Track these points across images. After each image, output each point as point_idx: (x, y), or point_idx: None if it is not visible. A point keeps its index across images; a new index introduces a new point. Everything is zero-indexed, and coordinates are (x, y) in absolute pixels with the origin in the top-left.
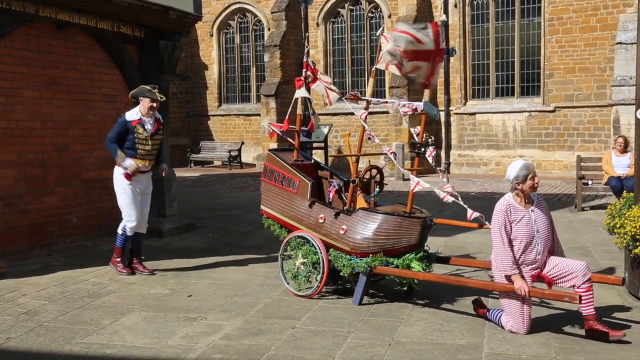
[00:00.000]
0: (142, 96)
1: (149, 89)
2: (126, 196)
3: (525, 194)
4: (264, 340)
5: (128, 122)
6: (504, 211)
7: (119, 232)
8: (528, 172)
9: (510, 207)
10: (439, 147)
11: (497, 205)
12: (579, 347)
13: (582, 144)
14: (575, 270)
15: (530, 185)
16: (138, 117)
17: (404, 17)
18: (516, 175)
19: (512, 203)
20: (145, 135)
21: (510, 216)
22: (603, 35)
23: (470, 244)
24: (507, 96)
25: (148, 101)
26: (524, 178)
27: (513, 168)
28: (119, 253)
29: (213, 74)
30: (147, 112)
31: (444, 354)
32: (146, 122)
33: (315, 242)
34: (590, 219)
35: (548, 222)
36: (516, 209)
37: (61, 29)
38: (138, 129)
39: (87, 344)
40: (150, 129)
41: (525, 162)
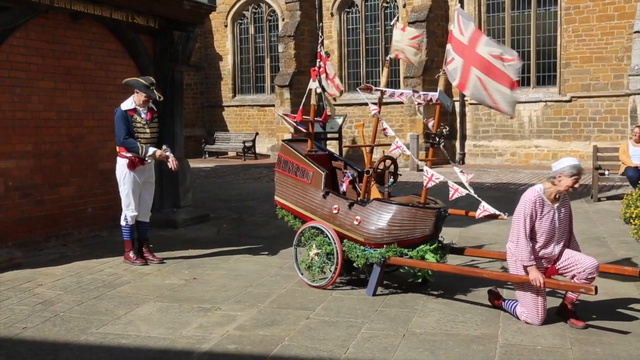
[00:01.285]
0: (138, 89)
1: (146, 85)
2: (127, 186)
3: (559, 190)
4: (278, 331)
5: (125, 112)
6: (533, 202)
7: (122, 224)
8: (576, 173)
9: (539, 200)
10: (453, 137)
11: (526, 194)
12: (595, 339)
13: (598, 134)
14: (582, 264)
15: (569, 185)
16: (133, 106)
17: (419, 7)
18: (563, 167)
19: (542, 196)
20: (142, 122)
21: (537, 208)
22: (621, 24)
23: (484, 234)
24: (523, 86)
25: (143, 96)
26: (570, 175)
27: (565, 161)
28: (130, 246)
29: (227, 65)
30: (142, 104)
31: (458, 344)
32: (141, 112)
33: (329, 233)
34: (607, 209)
35: (569, 219)
36: (544, 203)
37: (76, 19)
38: (135, 118)
39: (103, 334)
40: (144, 117)
41: (579, 163)
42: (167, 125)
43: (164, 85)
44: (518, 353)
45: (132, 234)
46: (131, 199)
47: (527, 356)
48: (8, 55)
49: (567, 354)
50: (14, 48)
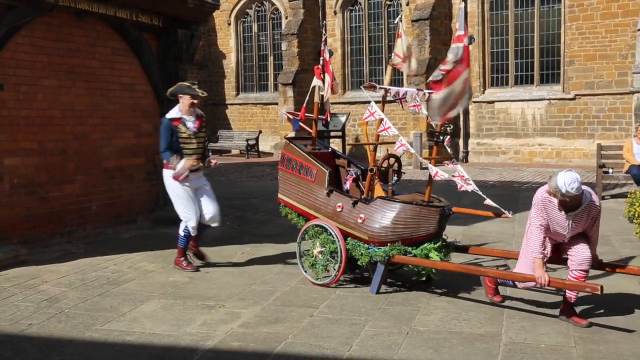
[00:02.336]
0: (181, 93)
1: (188, 85)
2: (179, 198)
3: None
4: (281, 328)
5: (170, 121)
6: (543, 204)
7: (181, 233)
8: (560, 193)
9: (548, 204)
10: (457, 135)
11: (540, 190)
12: (599, 337)
13: (602, 132)
14: (577, 255)
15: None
16: (178, 115)
17: (422, 5)
18: (554, 186)
19: (553, 201)
20: (188, 133)
21: (545, 211)
22: (625, 22)
23: (488, 232)
24: (527, 84)
25: (188, 98)
26: (555, 194)
27: (560, 179)
28: (182, 253)
29: (231, 63)
30: (188, 109)
31: (462, 342)
32: (187, 120)
33: (333, 231)
34: (611, 207)
35: (587, 223)
36: (554, 210)
37: (81, 18)
38: (180, 128)
39: (107, 330)
40: (192, 126)
41: (570, 185)
42: None
43: (168, 83)
44: (522, 351)
45: (189, 242)
46: (189, 209)
47: (530, 354)
48: (14, 53)
49: (571, 352)
50: (19, 46)
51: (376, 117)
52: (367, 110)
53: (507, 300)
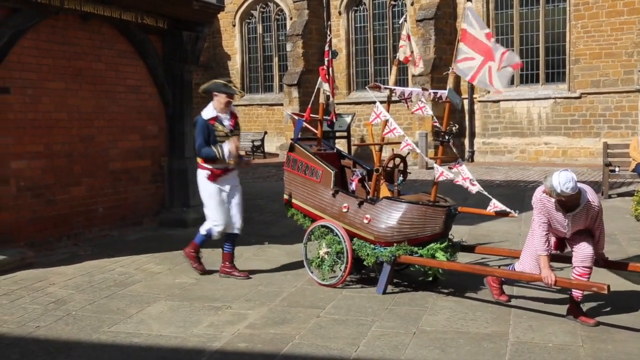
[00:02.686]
0: (216, 91)
1: (224, 84)
2: (212, 200)
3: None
4: (288, 329)
5: (206, 121)
6: (541, 204)
7: (202, 232)
8: (555, 193)
9: (547, 204)
10: (463, 135)
11: (538, 190)
12: (607, 336)
13: (608, 130)
14: (580, 252)
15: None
16: (214, 114)
17: (427, 5)
18: (549, 185)
19: (551, 201)
20: (225, 132)
21: (545, 211)
22: (630, 20)
23: (494, 232)
24: (532, 83)
25: (224, 97)
26: (551, 194)
27: (555, 178)
28: (196, 248)
29: (236, 64)
30: (223, 108)
31: (469, 342)
32: (223, 119)
33: (339, 232)
34: (618, 206)
35: (587, 222)
36: (553, 209)
37: (86, 20)
38: (217, 127)
39: (114, 332)
40: (228, 124)
41: (564, 185)
42: (177, 124)
43: (173, 85)
44: (529, 351)
45: (205, 242)
46: (218, 214)
47: (538, 354)
48: (19, 56)
49: (579, 351)
50: (25, 49)
51: (382, 118)
52: (372, 112)
53: (514, 299)
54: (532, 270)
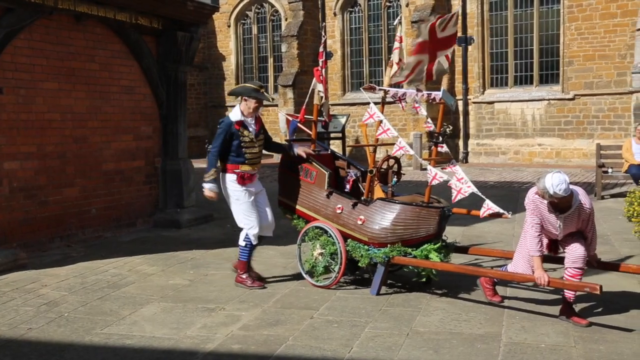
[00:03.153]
0: (247, 96)
1: (256, 89)
2: (240, 203)
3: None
4: (282, 331)
5: (232, 124)
6: (534, 205)
7: (242, 244)
8: (547, 195)
9: (540, 205)
10: (456, 136)
11: (530, 192)
12: (599, 336)
13: (601, 131)
14: (571, 252)
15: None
16: (241, 118)
17: (422, 6)
18: (542, 187)
19: (544, 202)
20: (250, 137)
21: (538, 212)
22: (623, 22)
23: (488, 233)
24: (526, 84)
25: (254, 102)
26: (543, 195)
27: (548, 180)
28: (245, 268)
29: (230, 65)
30: (251, 112)
31: (462, 343)
32: (249, 124)
33: (333, 233)
34: (610, 207)
35: (579, 224)
36: (545, 210)
37: (80, 21)
38: (243, 132)
39: (107, 334)
40: (253, 129)
41: (557, 187)
42: (171, 125)
43: (167, 85)
44: (522, 351)
45: (252, 254)
46: (251, 216)
47: (530, 354)
48: (12, 56)
49: (571, 352)
50: (18, 49)
51: (375, 119)
52: (366, 112)
53: (507, 300)
54: (525, 271)
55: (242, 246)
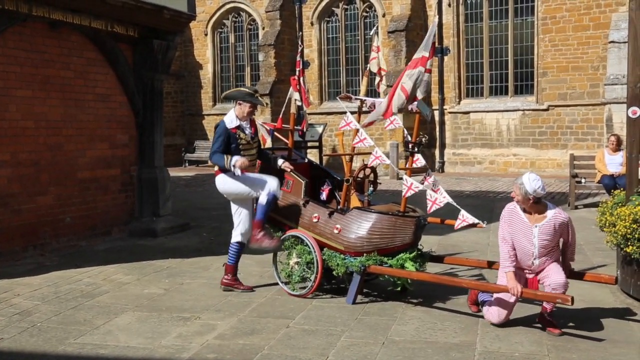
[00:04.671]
0: (241, 100)
1: (251, 94)
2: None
3: (529, 208)
4: (257, 340)
5: (229, 129)
6: (508, 214)
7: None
8: (526, 193)
9: (514, 214)
10: (433, 145)
11: (508, 205)
12: (572, 345)
13: (575, 142)
14: (551, 280)
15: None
16: (237, 123)
17: (398, 17)
18: (520, 183)
19: (517, 211)
20: (247, 139)
21: (510, 221)
22: (596, 34)
23: (464, 242)
24: (501, 95)
25: (248, 106)
26: (525, 196)
27: (525, 179)
28: (234, 270)
29: (208, 73)
30: (245, 116)
31: (437, 352)
32: (245, 127)
33: (309, 242)
34: (584, 217)
35: (555, 238)
36: (519, 220)
37: (55, 28)
38: (239, 135)
39: (81, 344)
40: (249, 132)
41: (534, 181)
42: (147, 134)
43: (144, 94)
44: None
45: (240, 257)
46: (245, 215)
47: None
48: None
49: None
50: None
51: (352, 127)
52: (343, 120)
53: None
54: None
55: (234, 245)
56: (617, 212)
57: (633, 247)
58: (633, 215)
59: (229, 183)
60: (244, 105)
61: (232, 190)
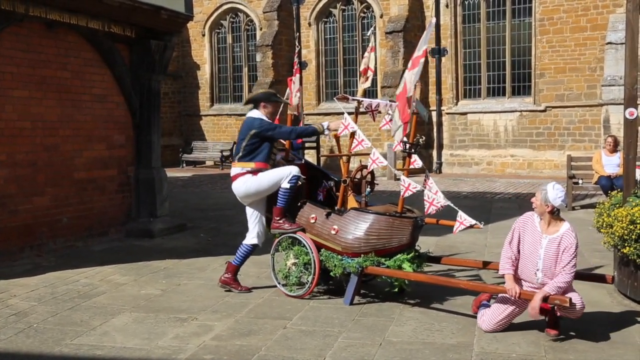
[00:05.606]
0: (267, 102)
1: (274, 93)
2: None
3: (544, 217)
4: (254, 341)
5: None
6: (523, 220)
7: (286, 186)
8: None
9: (528, 221)
10: (430, 146)
11: (526, 213)
12: (569, 346)
13: (572, 143)
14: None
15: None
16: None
17: (396, 17)
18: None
19: (533, 219)
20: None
21: (522, 228)
22: (593, 35)
23: (461, 243)
24: (499, 96)
25: (274, 106)
26: (546, 203)
27: (549, 186)
28: (235, 271)
29: (205, 74)
30: (270, 117)
31: (435, 353)
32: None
33: (306, 243)
34: (581, 218)
35: (555, 258)
36: (532, 227)
37: (51, 28)
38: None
39: (77, 345)
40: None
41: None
42: (144, 134)
43: (141, 94)
44: None
45: (247, 259)
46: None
47: None
48: None
49: None
50: None
51: (350, 130)
52: (341, 123)
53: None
54: (494, 313)
55: (247, 246)
56: (614, 213)
57: (630, 248)
58: (630, 216)
59: (252, 181)
60: (270, 105)
61: (256, 187)
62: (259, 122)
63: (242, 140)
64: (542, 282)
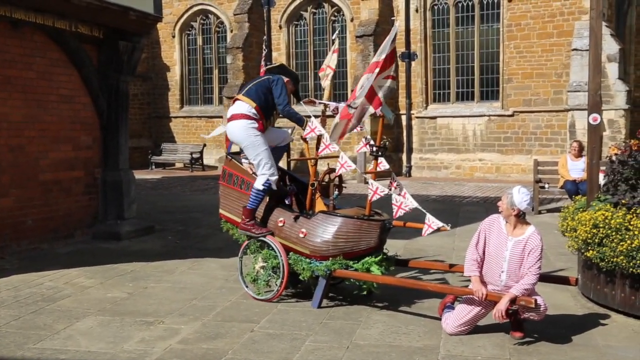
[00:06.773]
0: (294, 82)
1: (298, 79)
2: (264, 147)
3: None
4: (221, 344)
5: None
6: (489, 222)
7: (259, 188)
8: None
9: (494, 223)
10: (400, 150)
11: (491, 215)
12: (533, 349)
13: (539, 148)
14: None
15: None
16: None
17: (366, 21)
18: (509, 193)
19: (499, 221)
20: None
21: (488, 230)
22: (560, 42)
23: (429, 246)
24: (467, 100)
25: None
26: (512, 207)
27: (515, 190)
28: (251, 215)
29: (175, 76)
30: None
31: (401, 356)
32: None
33: (275, 246)
34: (547, 221)
35: (520, 261)
36: (499, 229)
37: (17, 27)
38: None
39: (40, 349)
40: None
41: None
42: (111, 135)
43: (109, 95)
44: None
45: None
46: (272, 160)
47: None
48: None
49: None
50: None
51: (316, 133)
52: (307, 126)
53: None
54: (458, 315)
55: (258, 190)
56: (578, 217)
57: (593, 251)
58: (593, 220)
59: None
60: (292, 86)
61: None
62: (276, 80)
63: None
64: (505, 285)
